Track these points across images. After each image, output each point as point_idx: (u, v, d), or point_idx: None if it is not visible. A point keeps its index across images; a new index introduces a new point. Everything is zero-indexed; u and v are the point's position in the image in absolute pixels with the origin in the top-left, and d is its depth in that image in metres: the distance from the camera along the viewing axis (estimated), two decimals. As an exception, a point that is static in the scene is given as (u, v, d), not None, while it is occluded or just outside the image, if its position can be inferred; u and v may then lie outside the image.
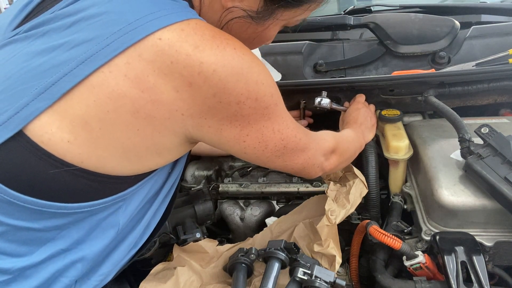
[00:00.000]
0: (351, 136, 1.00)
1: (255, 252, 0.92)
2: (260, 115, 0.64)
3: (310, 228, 0.98)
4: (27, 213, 0.57)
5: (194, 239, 0.99)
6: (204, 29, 0.57)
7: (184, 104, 0.57)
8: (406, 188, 1.09)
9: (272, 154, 0.71)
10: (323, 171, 0.87)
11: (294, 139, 0.73)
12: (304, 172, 0.83)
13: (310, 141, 0.79)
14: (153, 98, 0.55)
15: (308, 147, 0.78)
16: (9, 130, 0.54)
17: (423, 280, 0.87)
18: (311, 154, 0.80)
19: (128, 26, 0.54)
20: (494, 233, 0.90)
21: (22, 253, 0.60)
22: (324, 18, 1.39)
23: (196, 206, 1.05)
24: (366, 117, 1.12)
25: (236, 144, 0.66)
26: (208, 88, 0.56)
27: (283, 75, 1.23)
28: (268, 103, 0.63)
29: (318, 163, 0.84)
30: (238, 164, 1.32)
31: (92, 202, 0.61)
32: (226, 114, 0.60)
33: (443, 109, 1.03)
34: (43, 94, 0.54)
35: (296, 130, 0.74)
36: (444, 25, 1.24)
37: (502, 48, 1.17)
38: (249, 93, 0.59)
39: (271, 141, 0.69)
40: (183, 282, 0.92)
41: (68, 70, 0.54)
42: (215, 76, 0.56)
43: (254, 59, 0.61)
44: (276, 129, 0.68)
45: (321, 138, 0.85)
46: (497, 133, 0.89)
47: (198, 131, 0.62)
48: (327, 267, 0.89)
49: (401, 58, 1.26)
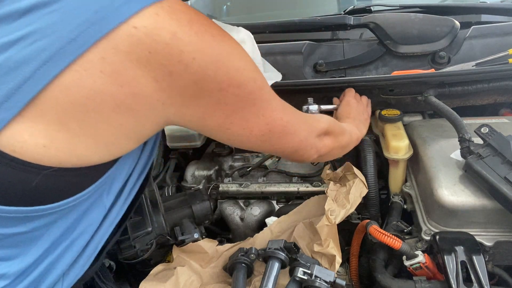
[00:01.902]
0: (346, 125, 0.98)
1: (255, 252, 0.92)
2: (244, 102, 0.62)
3: (310, 228, 0.98)
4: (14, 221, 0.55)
5: (192, 240, 0.99)
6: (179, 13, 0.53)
7: (164, 94, 0.54)
8: (406, 188, 1.09)
9: (258, 139, 0.69)
10: (318, 153, 0.84)
11: (280, 122, 0.70)
12: (296, 155, 0.80)
13: (300, 123, 0.77)
14: (133, 91, 0.52)
15: (297, 129, 0.75)
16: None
17: (423, 280, 0.87)
18: (302, 136, 0.77)
19: (94, 15, 0.49)
20: (494, 233, 0.90)
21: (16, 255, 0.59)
22: (324, 18, 1.39)
23: (194, 206, 1.05)
24: (359, 111, 1.10)
25: (220, 132, 0.65)
26: (188, 76, 0.53)
27: (283, 75, 1.23)
28: (251, 88, 0.61)
29: (311, 145, 0.81)
30: (238, 164, 1.32)
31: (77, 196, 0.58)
32: (209, 103, 0.58)
33: (443, 109, 1.03)
34: (6, 103, 0.48)
35: (283, 112, 0.71)
36: (444, 25, 1.24)
37: (502, 48, 1.17)
38: (230, 80, 0.57)
39: (256, 126, 0.67)
40: (183, 282, 0.92)
41: (31, 72, 0.48)
42: (195, 64, 0.53)
43: (233, 44, 0.58)
44: (261, 113, 0.66)
45: (313, 119, 0.83)
46: (497, 133, 0.89)
47: (180, 119, 0.60)
48: (327, 267, 0.89)
49: (401, 58, 1.26)
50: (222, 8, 2.02)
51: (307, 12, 1.69)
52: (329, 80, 1.21)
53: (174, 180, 1.36)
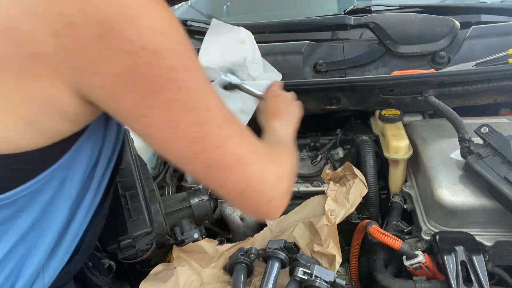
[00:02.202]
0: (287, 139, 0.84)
1: (255, 252, 0.92)
2: (164, 80, 0.48)
3: (310, 228, 0.98)
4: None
5: (192, 240, 0.99)
6: None
7: (67, 53, 0.45)
8: (406, 188, 1.09)
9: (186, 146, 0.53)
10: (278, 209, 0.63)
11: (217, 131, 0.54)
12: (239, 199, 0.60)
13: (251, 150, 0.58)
14: (32, 51, 0.44)
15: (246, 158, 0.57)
16: None
17: (423, 280, 0.87)
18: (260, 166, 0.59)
19: None
20: (494, 232, 0.90)
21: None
22: (324, 18, 1.39)
23: (194, 206, 1.05)
24: (288, 102, 1.01)
25: (137, 120, 0.52)
26: (91, 29, 0.44)
27: (283, 75, 1.23)
28: (174, 63, 0.48)
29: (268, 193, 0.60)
30: (238, 164, 1.32)
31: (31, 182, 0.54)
32: (118, 69, 0.46)
33: (443, 109, 1.03)
34: None
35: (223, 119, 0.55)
36: (444, 25, 1.24)
37: (502, 48, 1.17)
38: (143, 42, 0.46)
39: (183, 122, 0.52)
40: (183, 282, 0.92)
41: None
42: (100, 13, 0.44)
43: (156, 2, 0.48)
44: (190, 106, 0.51)
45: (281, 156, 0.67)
46: (497, 133, 0.89)
47: (90, 92, 0.49)
48: (327, 267, 0.89)
49: (401, 58, 1.26)
50: (222, 8, 2.02)
51: (307, 12, 1.69)
52: (329, 80, 1.21)
53: (174, 180, 1.35)
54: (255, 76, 1.18)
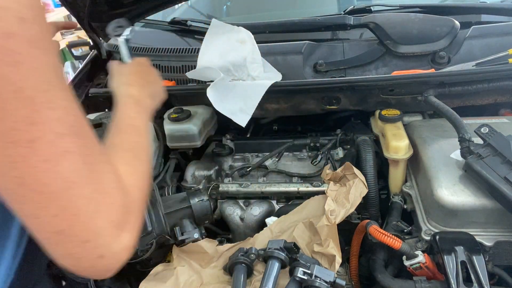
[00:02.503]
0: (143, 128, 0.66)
1: (255, 252, 0.92)
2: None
3: (310, 228, 0.98)
4: None
5: (192, 240, 0.99)
6: None
7: None
8: (406, 188, 1.09)
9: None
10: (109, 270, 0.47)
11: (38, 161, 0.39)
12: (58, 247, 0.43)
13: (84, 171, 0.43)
14: None
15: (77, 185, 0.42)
16: None
17: (423, 280, 0.87)
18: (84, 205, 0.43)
19: None
20: (494, 232, 0.90)
21: None
22: (324, 18, 1.39)
23: (194, 206, 1.05)
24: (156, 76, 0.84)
25: None
26: None
27: (283, 75, 1.23)
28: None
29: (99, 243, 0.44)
30: (238, 164, 1.32)
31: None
32: None
33: (443, 109, 1.03)
34: None
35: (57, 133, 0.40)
36: (444, 25, 1.24)
37: (502, 48, 1.17)
38: None
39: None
40: (183, 281, 0.92)
41: None
42: None
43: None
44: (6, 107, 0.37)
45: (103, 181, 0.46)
46: (497, 133, 0.89)
47: None
48: (327, 267, 0.89)
49: (401, 58, 1.26)
50: (222, 8, 2.02)
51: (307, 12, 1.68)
52: (329, 80, 1.21)
53: (174, 180, 1.36)
54: (255, 76, 1.18)
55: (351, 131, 1.31)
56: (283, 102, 1.24)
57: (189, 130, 1.24)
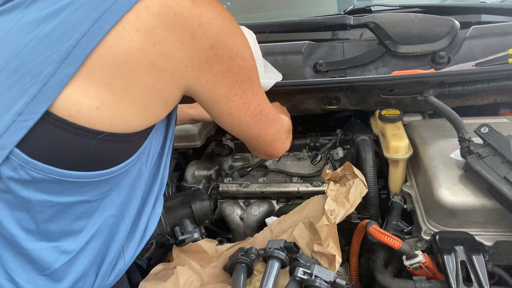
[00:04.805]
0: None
1: (255, 252, 0.92)
2: (246, 76, 0.70)
3: (310, 227, 0.98)
4: (75, 187, 0.59)
5: (192, 240, 0.99)
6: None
7: (187, 55, 0.60)
8: (406, 188, 1.10)
9: (252, 118, 0.77)
10: (284, 149, 0.93)
11: (266, 105, 0.79)
12: (272, 146, 0.88)
13: (276, 114, 0.86)
14: (163, 50, 0.57)
15: (276, 119, 0.86)
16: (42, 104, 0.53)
17: (423, 280, 0.87)
18: (279, 126, 0.87)
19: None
20: (494, 232, 0.90)
21: (78, 228, 0.63)
22: (324, 18, 1.39)
23: (194, 206, 1.05)
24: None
25: (225, 103, 0.71)
26: (206, 39, 0.60)
27: (283, 75, 1.23)
28: (251, 65, 0.70)
29: (283, 139, 0.91)
30: (238, 164, 1.32)
31: (125, 162, 0.63)
32: (220, 68, 0.65)
33: (442, 109, 1.03)
34: (67, 59, 0.53)
35: (266, 99, 0.80)
36: (444, 25, 1.24)
37: (502, 48, 1.17)
38: (238, 50, 0.65)
39: (252, 103, 0.74)
40: (183, 281, 0.92)
41: (85, 31, 0.53)
42: (212, 28, 0.60)
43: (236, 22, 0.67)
44: (255, 92, 0.74)
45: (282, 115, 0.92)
46: (496, 132, 0.89)
47: (196, 84, 0.65)
48: (327, 267, 0.89)
49: (401, 58, 1.26)
50: (222, 8, 2.01)
51: (307, 12, 1.69)
52: (329, 80, 1.21)
53: (174, 180, 1.36)
54: (255, 76, 1.18)
55: (351, 131, 1.31)
56: (283, 102, 1.24)
57: (189, 130, 1.24)
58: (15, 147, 0.54)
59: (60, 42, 0.53)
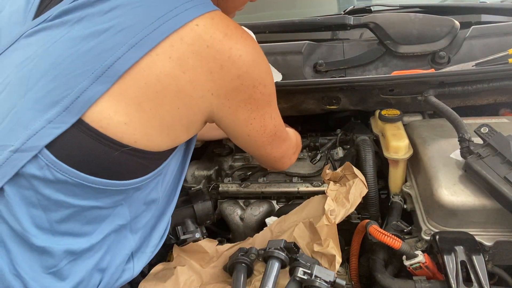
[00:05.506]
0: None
1: (255, 252, 0.92)
2: (265, 101, 0.73)
3: (310, 228, 0.98)
4: (92, 192, 0.63)
5: (193, 239, 0.99)
6: (227, 20, 0.65)
7: (214, 84, 0.64)
8: (406, 188, 1.10)
9: (267, 139, 0.81)
10: (291, 164, 1.01)
11: (281, 127, 0.84)
12: (280, 162, 0.95)
13: (287, 134, 0.92)
14: (192, 78, 0.62)
15: (287, 138, 0.91)
16: (73, 116, 0.58)
17: (423, 280, 0.87)
18: (288, 145, 0.93)
19: (169, 13, 0.60)
20: (494, 232, 0.90)
21: (87, 232, 0.67)
22: (324, 18, 1.39)
23: (195, 206, 1.05)
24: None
25: (244, 126, 0.75)
26: (235, 70, 0.64)
27: (283, 75, 1.23)
28: (271, 90, 0.74)
29: (290, 155, 0.98)
30: (238, 164, 1.32)
31: (141, 178, 0.67)
32: (244, 97, 0.69)
33: (442, 109, 1.03)
34: (101, 77, 0.58)
35: (281, 121, 0.85)
36: (444, 25, 1.24)
37: (502, 48, 1.17)
38: (261, 79, 0.69)
39: (268, 126, 0.79)
40: (183, 281, 0.92)
41: (121, 54, 0.58)
42: (241, 60, 0.64)
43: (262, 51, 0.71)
44: (273, 115, 0.79)
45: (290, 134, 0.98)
46: (496, 133, 0.89)
47: (219, 110, 0.69)
48: (327, 267, 0.89)
49: (401, 58, 1.26)
50: (222, 8, 2.01)
51: (307, 12, 1.69)
52: (329, 80, 1.21)
53: (174, 180, 1.35)
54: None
55: (351, 131, 1.31)
56: (283, 102, 1.24)
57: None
58: (44, 147, 0.58)
59: (97, 61, 0.58)
